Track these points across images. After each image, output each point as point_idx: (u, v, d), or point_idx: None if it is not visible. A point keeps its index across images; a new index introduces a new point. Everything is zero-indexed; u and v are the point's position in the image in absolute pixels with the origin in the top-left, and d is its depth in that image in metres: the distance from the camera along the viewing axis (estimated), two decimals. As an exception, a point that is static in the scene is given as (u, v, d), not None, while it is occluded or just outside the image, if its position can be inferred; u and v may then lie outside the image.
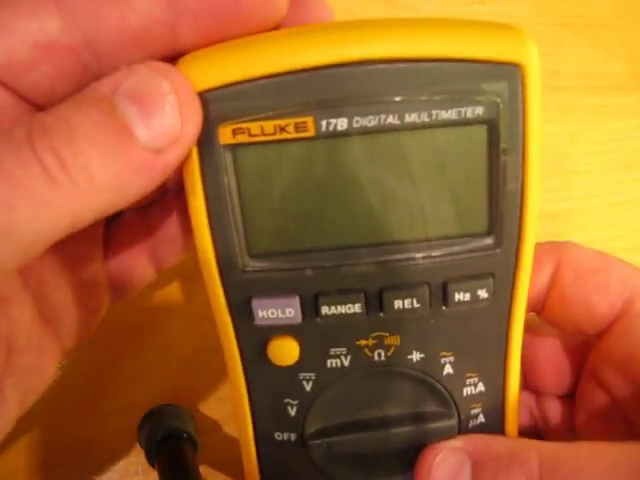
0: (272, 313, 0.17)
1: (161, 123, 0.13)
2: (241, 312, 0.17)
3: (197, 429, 0.27)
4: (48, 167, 0.12)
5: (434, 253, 0.17)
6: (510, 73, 0.15)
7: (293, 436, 0.19)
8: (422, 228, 0.17)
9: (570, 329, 0.21)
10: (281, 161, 0.16)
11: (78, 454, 0.27)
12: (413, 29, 0.15)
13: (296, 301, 0.17)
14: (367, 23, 0.16)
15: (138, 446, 0.26)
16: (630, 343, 0.20)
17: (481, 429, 0.19)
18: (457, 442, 0.19)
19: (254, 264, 0.16)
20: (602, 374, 0.21)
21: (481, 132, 0.16)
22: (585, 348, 0.22)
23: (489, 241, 0.17)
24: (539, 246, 0.19)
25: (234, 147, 0.15)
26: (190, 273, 0.27)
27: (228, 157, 0.15)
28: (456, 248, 0.17)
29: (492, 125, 0.16)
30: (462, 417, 0.19)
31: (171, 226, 0.20)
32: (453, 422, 0.19)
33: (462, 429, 0.19)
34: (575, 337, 0.22)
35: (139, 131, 0.13)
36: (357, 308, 0.17)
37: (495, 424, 0.20)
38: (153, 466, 0.25)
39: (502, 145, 0.16)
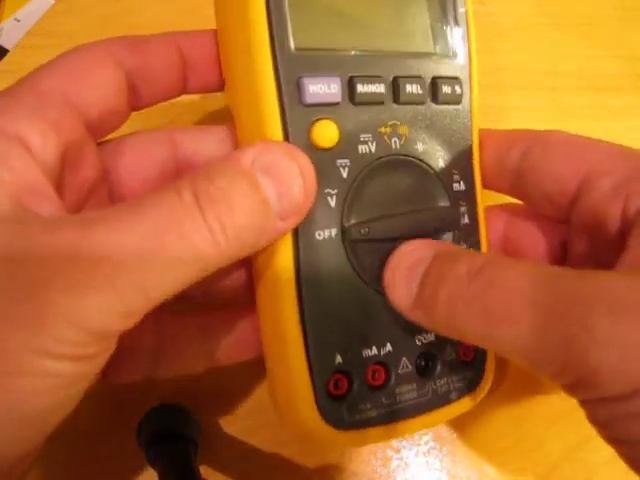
0: (320, 89, 0.19)
1: (290, 199, 0.17)
2: (291, 93, 0.19)
3: (197, 429, 0.27)
4: (215, 233, 0.15)
5: (425, 60, 0.22)
6: None
7: (334, 231, 0.20)
8: (419, 42, 0.22)
9: (543, 204, 0.22)
10: None
11: (78, 453, 0.27)
12: None
13: (338, 80, 0.20)
14: None
15: (138, 446, 0.26)
16: (591, 203, 0.20)
17: (466, 229, 0.23)
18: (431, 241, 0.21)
19: (303, 49, 0.19)
20: (572, 244, 0.21)
21: None
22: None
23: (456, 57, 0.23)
24: (517, 132, 0.22)
25: None
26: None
27: None
28: (436, 58, 0.22)
29: None
30: (455, 213, 0.22)
31: (228, 332, 0.23)
32: (457, 220, 0.22)
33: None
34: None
35: (273, 203, 0.16)
36: (382, 89, 0.21)
37: (473, 228, 0.23)
38: (153, 466, 0.25)
39: None
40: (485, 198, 0.24)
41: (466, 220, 0.23)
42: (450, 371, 0.22)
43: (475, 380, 0.23)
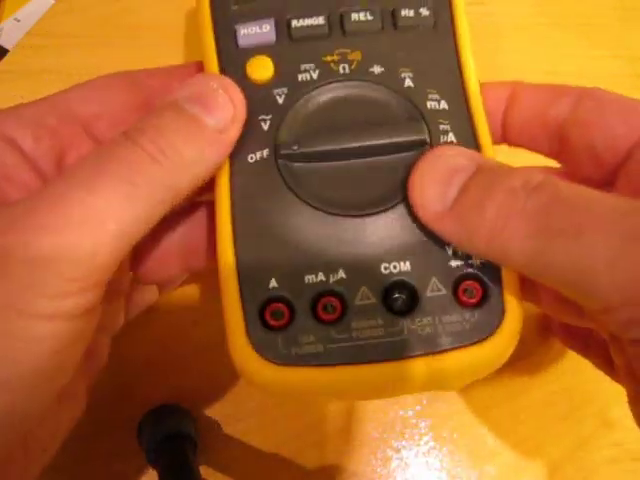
0: (252, 30, 0.21)
1: (220, 111, 0.18)
2: (226, 40, 0.21)
3: (197, 429, 0.27)
4: (151, 152, 0.16)
5: None
6: None
7: (266, 152, 0.19)
8: None
9: (586, 162, 0.20)
10: None
11: (79, 453, 0.27)
12: None
13: (272, 21, 0.21)
14: None
15: (138, 446, 0.26)
16: None
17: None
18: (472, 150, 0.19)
19: (243, 4, 0.21)
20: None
21: None
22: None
23: None
24: (560, 86, 0.21)
25: None
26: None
27: None
28: None
29: None
30: (432, 131, 0.19)
31: (198, 234, 0.22)
32: (424, 136, 0.19)
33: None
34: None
35: (206, 120, 0.18)
36: (321, 20, 0.21)
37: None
38: (153, 466, 0.25)
39: None
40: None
41: (452, 139, 0.19)
42: (438, 310, 0.18)
43: (487, 325, 0.18)
